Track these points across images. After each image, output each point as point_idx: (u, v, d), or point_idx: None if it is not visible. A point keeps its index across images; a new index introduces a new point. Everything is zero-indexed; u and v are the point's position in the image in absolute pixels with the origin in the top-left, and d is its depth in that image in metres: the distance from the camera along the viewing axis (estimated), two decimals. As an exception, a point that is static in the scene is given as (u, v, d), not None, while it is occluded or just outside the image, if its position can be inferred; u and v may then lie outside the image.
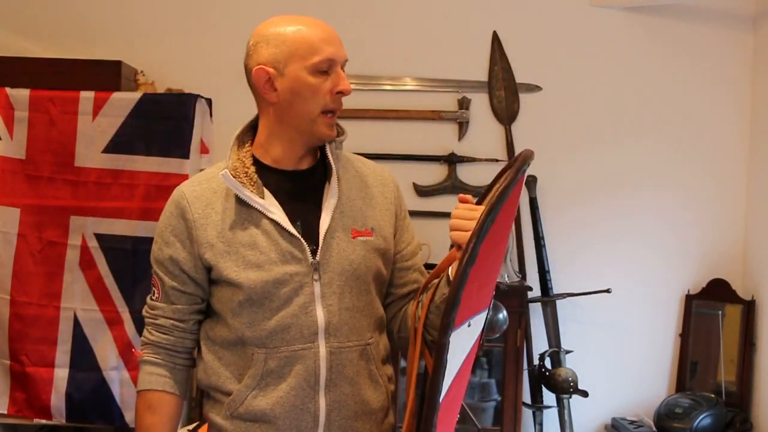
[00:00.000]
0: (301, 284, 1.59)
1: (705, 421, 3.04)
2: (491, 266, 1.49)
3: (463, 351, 1.45)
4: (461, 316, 1.33)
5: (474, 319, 1.44)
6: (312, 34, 1.60)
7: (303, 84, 1.59)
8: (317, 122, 1.61)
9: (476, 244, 1.30)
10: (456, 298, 1.29)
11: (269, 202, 1.62)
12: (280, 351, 1.59)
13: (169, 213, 1.69)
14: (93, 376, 3.13)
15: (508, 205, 1.40)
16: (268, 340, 1.59)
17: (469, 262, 1.29)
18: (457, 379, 1.44)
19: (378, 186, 1.75)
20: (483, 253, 1.33)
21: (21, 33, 3.47)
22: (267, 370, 1.59)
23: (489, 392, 3.32)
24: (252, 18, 3.42)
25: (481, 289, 1.45)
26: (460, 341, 1.39)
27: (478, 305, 1.46)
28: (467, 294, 1.32)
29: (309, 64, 1.58)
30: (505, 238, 1.57)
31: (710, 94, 3.42)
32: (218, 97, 3.32)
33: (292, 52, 1.59)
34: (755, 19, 3.39)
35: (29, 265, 3.14)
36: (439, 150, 3.45)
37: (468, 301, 1.35)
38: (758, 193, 3.32)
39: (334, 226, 1.63)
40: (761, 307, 3.21)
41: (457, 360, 1.41)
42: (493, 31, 3.45)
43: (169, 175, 3.12)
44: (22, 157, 3.14)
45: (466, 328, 1.40)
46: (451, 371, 1.38)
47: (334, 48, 1.60)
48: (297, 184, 1.67)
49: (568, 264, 3.41)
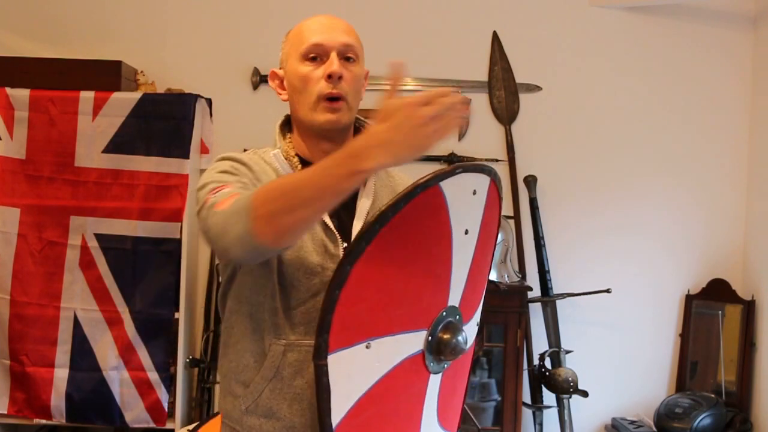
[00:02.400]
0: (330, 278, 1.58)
1: (705, 421, 3.04)
2: (402, 288, 1.41)
3: (370, 373, 1.39)
4: (345, 338, 1.29)
5: (377, 342, 1.36)
6: (305, 26, 1.62)
7: (296, 75, 1.61)
8: (315, 109, 1.60)
9: (344, 263, 1.25)
10: (325, 322, 1.25)
11: None
12: (301, 345, 1.55)
13: (228, 163, 1.57)
14: (93, 376, 3.13)
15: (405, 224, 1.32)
16: (290, 332, 1.56)
17: (336, 284, 1.26)
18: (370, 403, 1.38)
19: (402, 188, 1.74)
20: (367, 275, 1.27)
21: (21, 33, 3.47)
22: (284, 363, 1.56)
23: (489, 392, 3.32)
24: (252, 18, 3.44)
25: (384, 312, 1.38)
26: (357, 363, 1.35)
27: (382, 328, 1.39)
28: (349, 315, 1.27)
29: (299, 54, 1.61)
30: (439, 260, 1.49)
31: (710, 94, 3.42)
32: (218, 97, 3.32)
33: (290, 47, 1.64)
34: (755, 19, 3.39)
35: (29, 265, 3.14)
36: (439, 150, 3.45)
37: (353, 324, 1.30)
38: (758, 193, 3.32)
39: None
40: (761, 307, 3.21)
41: (359, 382, 1.36)
42: (493, 31, 3.45)
43: (169, 175, 3.12)
44: (22, 157, 3.15)
45: (362, 349, 1.34)
46: (349, 394, 1.34)
47: (324, 35, 1.60)
48: None
49: (568, 264, 3.41)
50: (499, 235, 3.22)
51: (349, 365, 1.32)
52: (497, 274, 3.18)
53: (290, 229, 1.36)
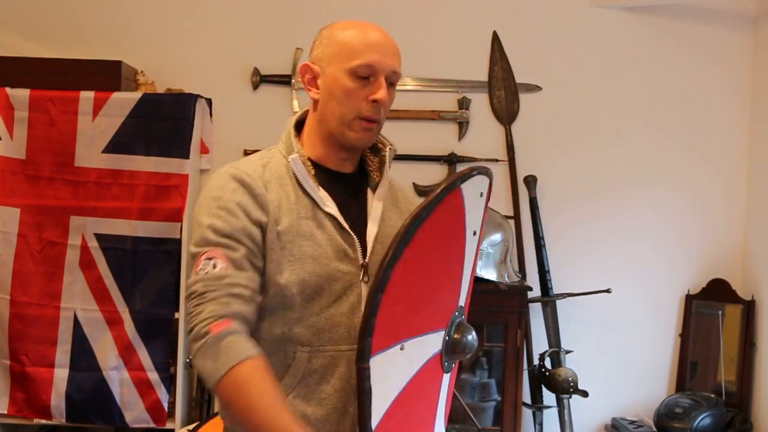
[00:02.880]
0: (350, 284, 1.57)
1: (705, 421, 3.04)
2: (428, 288, 1.44)
3: (402, 374, 1.41)
4: (384, 340, 1.30)
5: (409, 342, 1.39)
6: (359, 38, 1.58)
7: (339, 85, 1.57)
8: (351, 126, 1.58)
9: (386, 268, 1.26)
10: (368, 324, 1.26)
11: (324, 196, 1.60)
12: (326, 350, 1.55)
13: (232, 188, 1.55)
14: (93, 376, 3.13)
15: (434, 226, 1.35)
16: (315, 338, 1.55)
17: (379, 288, 1.26)
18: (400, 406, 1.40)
19: (404, 202, 1.74)
20: (403, 277, 1.29)
21: (21, 33, 3.47)
22: (309, 369, 1.55)
23: (489, 392, 3.32)
24: (252, 18, 3.44)
25: (415, 312, 1.40)
26: (396, 366, 1.36)
27: (413, 328, 1.42)
28: (387, 318, 1.28)
29: (348, 66, 1.56)
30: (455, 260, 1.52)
31: (710, 94, 3.42)
32: (218, 97, 3.32)
33: (336, 52, 1.59)
34: (755, 19, 3.39)
35: (29, 265, 3.14)
36: (439, 150, 3.45)
37: (392, 326, 1.31)
38: (758, 193, 3.32)
39: (380, 232, 1.62)
40: (761, 307, 3.21)
41: (393, 384, 1.38)
42: (493, 31, 3.45)
43: (169, 175, 3.12)
44: (22, 157, 3.15)
45: (397, 351, 1.35)
46: (386, 396, 1.35)
47: (379, 56, 1.57)
48: (343, 185, 1.65)
49: (568, 264, 3.41)
50: (499, 235, 3.22)
51: (386, 367, 1.33)
52: (497, 274, 3.18)
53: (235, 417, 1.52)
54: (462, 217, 1.48)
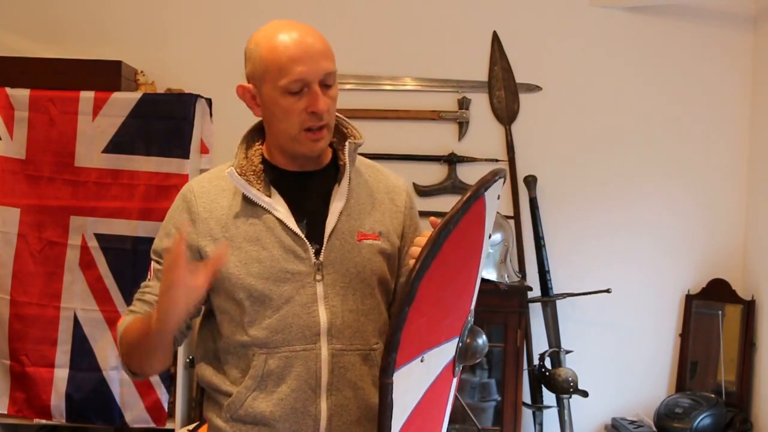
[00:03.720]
0: (302, 283, 1.58)
1: (705, 421, 3.04)
2: (448, 300, 1.44)
3: (421, 385, 1.41)
4: (407, 354, 1.30)
5: (429, 353, 1.40)
6: (283, 52, 1.55)
7: (275, 105, 1.58)
8: (298, 140, 1.59)
9: (414, 281, 1.26)
10: (394, 339, 1.26)
11: (276, 201, 1.62)
12: (281, 351, 1.57)
13: (175, 207, 1.70)
14: (93, 376, 3.13)
15: (460, 234, 1.35)
16: (269, 340, 1.57)
17: (407, 301, 1.26)
18: (417, 413, 1.40)
19: (388, 193, 1.74)
20: (428, 290, 1.29)
21: (21, 33, 3.47)
22: (267, 370, 1.57)
23: (489, 392, 3.32)
24: (252, 18, 3.43)
25: (436, 324, 1.41)
26: (415, 377, 1.36)
27: (434, 340, 1.42)
28: (411, 332, 1.29)
29: (279, 85, 1.55)
30: (473, 266, 1.53)
31: (710, 94, 3.42)
32: (218, 97, 3.32)
33: (264, 71, 1.58)
34: (755, 19, 3.39)
35: (29, 265, 3.14)
36: (439, 150, 3.45)
37: (414, 339, 1.32)
38: (758, 193, 3.32)
39: (340, 227, 1.63)
40: (761, 307, 3.21)
41: (412, 396, 1.38)
42: (493, 31, 3.45)
43: (169, 175, 3.12)
44: (22, 157, 3.15)
45: (418, 364, 1.36)
46: (405, 408, 1.35)
47: (305, 66, 1.53)
48: (306, 185, 1.66)
49: (568, 264, 3.41)
50: (499, 235, 3.22)
51: (407, 380, 1.33)
52: (497, 274, 3.18)
53: (145, 367, 1.64)
54: (483, 223, 1.48)
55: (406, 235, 1.76)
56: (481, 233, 1.51)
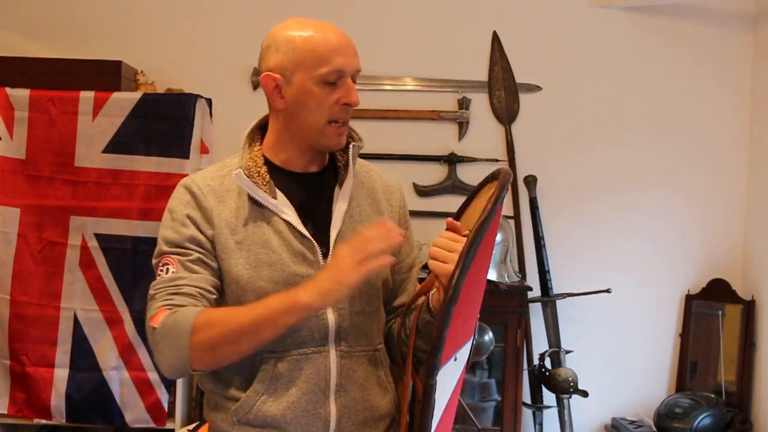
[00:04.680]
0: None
1: (705, 421, 3.04)
2: (474, 298, 1.47)
3: (451, 384, 1.43)
4: (447, 353, 1.32)
5: (459, 352, 1.42)
6: (322, 43, 1.55)
7: (309, 94, 1.56)
8: (324, 132, 1.59)
9: (458, 282, 1.28)
10: (441, 339, 1.27)
11: (282, 203, 1.61)
12: (291, 354, 1.57)
13: (180, 198, 1.62)
14: (93, 376, 3.13)
15: (489, 235, 1.38)
16: (279, 343, 1.56)
17: (452, 301, 1.28)
18: (446, 411, 1.43)
19: (384, 193, 1.74)
20: (465, 289, 1.31)
21: (21, 33, 3.47)
22: (277, 374, 1.57)
23: (489, 392, 3.32)
24: (252, 18, 3.44)
25: (465, 322, 1.43)
26: (448, 376, 1.38)
27: (463, 338, 1.45)
28: (452, 331, 1.31)
29: (316, 74, 1.55)
30: (487, 265, 1.55)
31: (710, 94, 3.43)
32: (218, 97, 3.32)
33: (300, 60, 1.56)
34: (755, 19, 3.39)
35: (29, 265, 3.14)
36: (439, 150, 3.45)
37: (453, 338, 1.34)
38: (758, 193, 3.32)
39: (345, 230, 1.62)
40: (761, 307, 3.21)
41: (445, 395, 1.40)
42: (493, 31, 3.45)
43: (169, 175, 3.11)
44: (22, 157, 3.14)
45: (452, 362, 1.38)
46: (440, 406, 1.36)
47: (345, 59, 1.55)
48: (307, 187, 1.66)
49: (568, 264, 3.41)
50: (499, 235, 3.22)
51: (443, 379, 1.36)
52: (497, 274, 3.18)
53: (227, 359, 1.49)
54: (498, 222, 1.51)
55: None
56: (495, 233, 1.53)
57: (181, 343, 1.46)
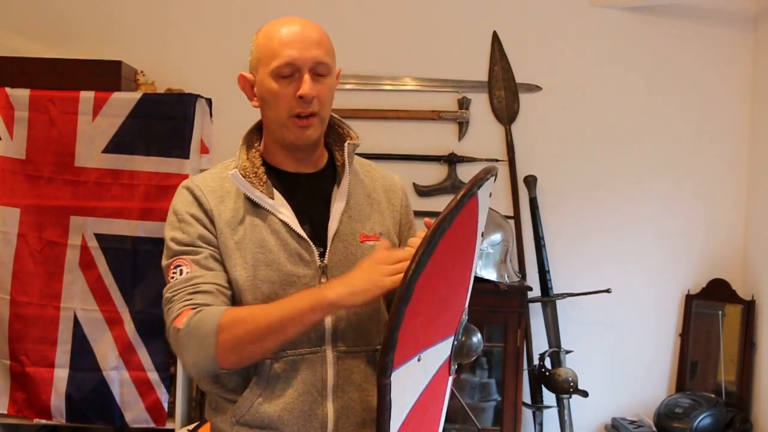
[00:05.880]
0: (308, 286, 1.58)
1: (705, 421, 3.04)
2: (444, 297, 1.45)
3: (417, 385, 1.41)
4: (404, 354, 1.30)
5: (425, 353, 1.40)
6: (276, 38, 1.58)
7: (266, 89, 1.59)
8: (287, 126, 1.59)
9: (411, 281, 1.26)
10: (392, 339, 1.25)
11: (279, 203, 1.61)
12: (287, 355, 1.57)
13: (183, 198, 1.64)
14: (93, 376, 3.13)
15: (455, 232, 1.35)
16: None
17: (403, 301, 1.26)
18: (415, 413, 1.40)
19: (385, 192, 1.74)
20: (424, 288, 1.29)
21: (21, 33, 3.47)
22: (273, 375, 1.57)
23: (489, 392, 3.32)
24: (252, 18, 3.43)
25: (432, 322, 1.41)
26: (411, 377, 1.37)
27: (430, 338, 1.42)
28: (408, 331, 1.29)
29: (270, 69, 1.58)
30: (466, 263, 1.53)
31: (710, 94, 3.42)
32: (218, 97, 3.32)
33: (259, 57, 1.61)
34: (755, 19, 3.39)
35: (29, 265, 3.14)
36: (439, 150, 3.45)
37: (412, 338, 1.32)
38: (758, 193, 3.32)
39: (342, 229, 1.63)
40: (761, 307, 3.21)
41: (409, 396, 1.38)
42: (493, 31, 3.45)
43: (169, 175, 3.12)
44: (22, 157, 3.15)
45: (415, 363, 1.36)
46: (403, 407, 1.35)
47: (296, 51, 1.56)
48: (305, 186, 1.66)
49: (568, 264, 3.41)
50: (499, 235, 3.22)
51: (404, 380, 1.34)
52: (497, 274, 3.18)
53: (253, 357, 1.50)
54: (476, 222, 1.49)
55: (402, 234, 1.77)
56: (475, 231, 1.51)
57: (207, 342, 1.47)
